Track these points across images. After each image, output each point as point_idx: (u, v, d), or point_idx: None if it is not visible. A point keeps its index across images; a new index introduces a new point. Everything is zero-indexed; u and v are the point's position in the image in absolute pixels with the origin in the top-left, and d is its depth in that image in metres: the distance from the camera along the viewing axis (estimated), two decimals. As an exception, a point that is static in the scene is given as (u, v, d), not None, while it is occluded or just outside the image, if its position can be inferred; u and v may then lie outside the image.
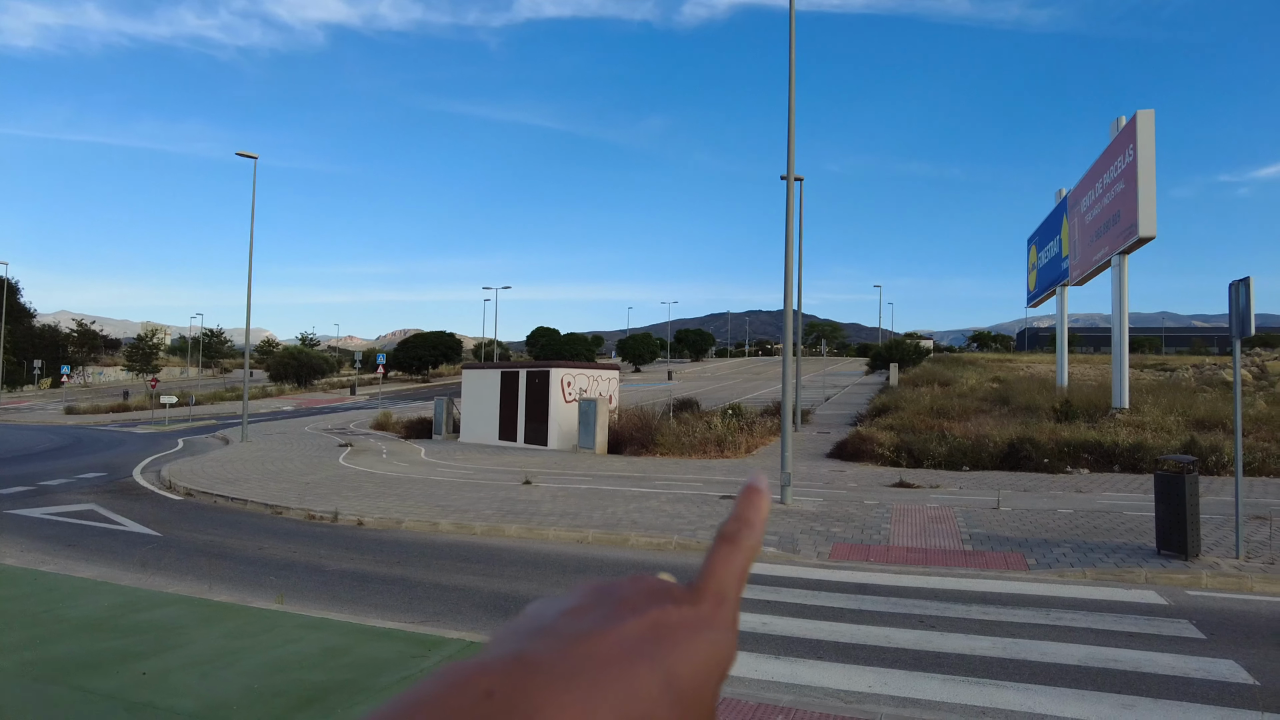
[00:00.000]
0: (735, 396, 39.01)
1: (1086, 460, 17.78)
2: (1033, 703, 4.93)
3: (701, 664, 0.34)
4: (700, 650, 0.34)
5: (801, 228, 13.01)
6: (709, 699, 0.34)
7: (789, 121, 12.85)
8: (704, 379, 58.95)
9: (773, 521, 11.19)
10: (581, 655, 0.31)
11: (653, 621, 0.34)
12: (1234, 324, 8.97)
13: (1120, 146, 22.18)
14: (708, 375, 64.57)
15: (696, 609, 0.36)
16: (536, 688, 0.29)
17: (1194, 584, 8.14)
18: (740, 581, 0.39)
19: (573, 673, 0.30)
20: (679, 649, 0.34)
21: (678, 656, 0.33)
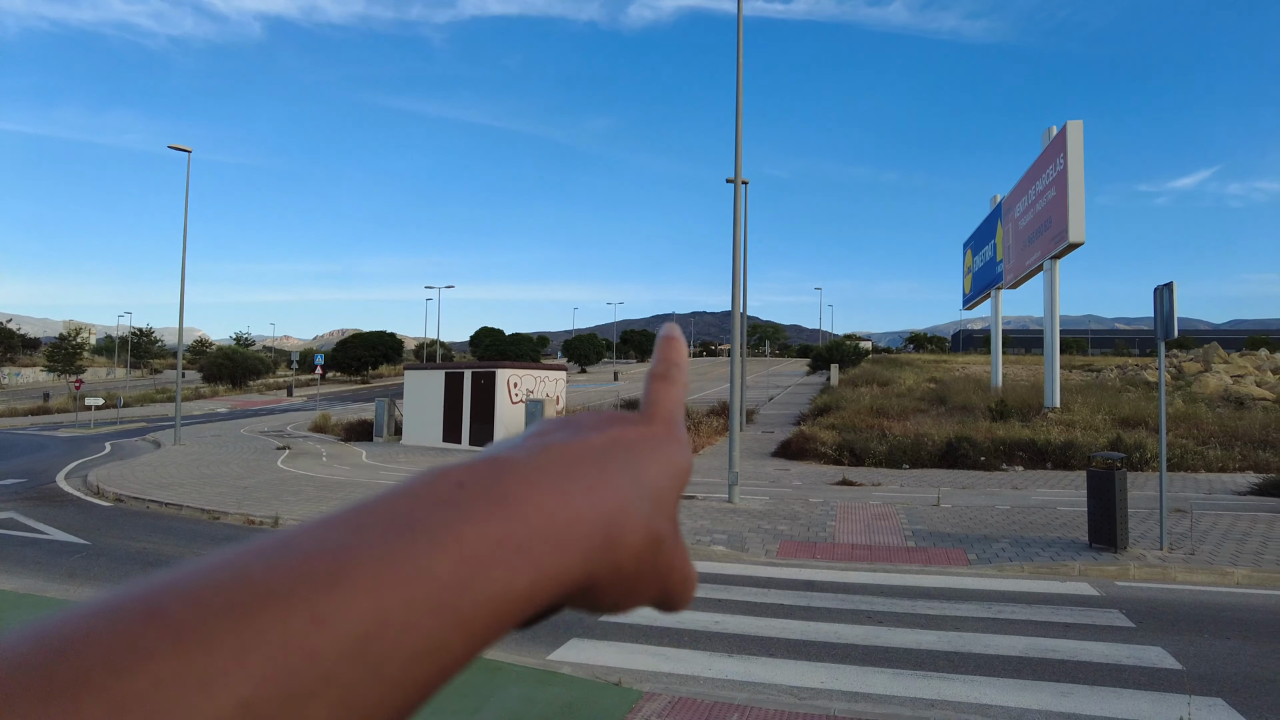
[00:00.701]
0: (681, 397, 39.25)
1: (1021, 458, 18.42)
2: (978, 694, 5.09)
3: (663, 470, 0.36)
4: (660, 458, 0.36)
5: (746, 231, 13.18)
6: (672, 504, 0.36)
7: (736, 125, 12.98)
8: (650, 379, 59.07)
9: (721, 520, 11.30)
10: (554, 455, 0.32)
11: (615, 436, 0.35)
12: (1158, 327, 9.39)
13: (1052, 155, 23.03)
14: (653, 376, 64.72)
15: (652, 428, 0.38)
16: (508, 478, 0.30)
17: (1123, 575, 8.50)
18: (681, 409, 0.40)
19: (544, 467, 0.31)
20: (642, 457, 0.35)
21: (642, 463, 0.35)
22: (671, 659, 5.78)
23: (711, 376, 59.25)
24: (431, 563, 0.25)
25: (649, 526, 0.33)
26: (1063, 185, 21.74)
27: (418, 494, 0.28)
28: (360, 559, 0.24)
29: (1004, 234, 30.16)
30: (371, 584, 0.23)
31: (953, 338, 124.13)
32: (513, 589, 0.26)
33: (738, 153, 12.99)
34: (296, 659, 0.21)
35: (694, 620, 6.75)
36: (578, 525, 0.30)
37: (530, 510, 0.29)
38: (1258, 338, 73.78)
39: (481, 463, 0.31)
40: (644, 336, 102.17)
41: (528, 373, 24.28)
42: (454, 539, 0.26)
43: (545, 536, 0.28)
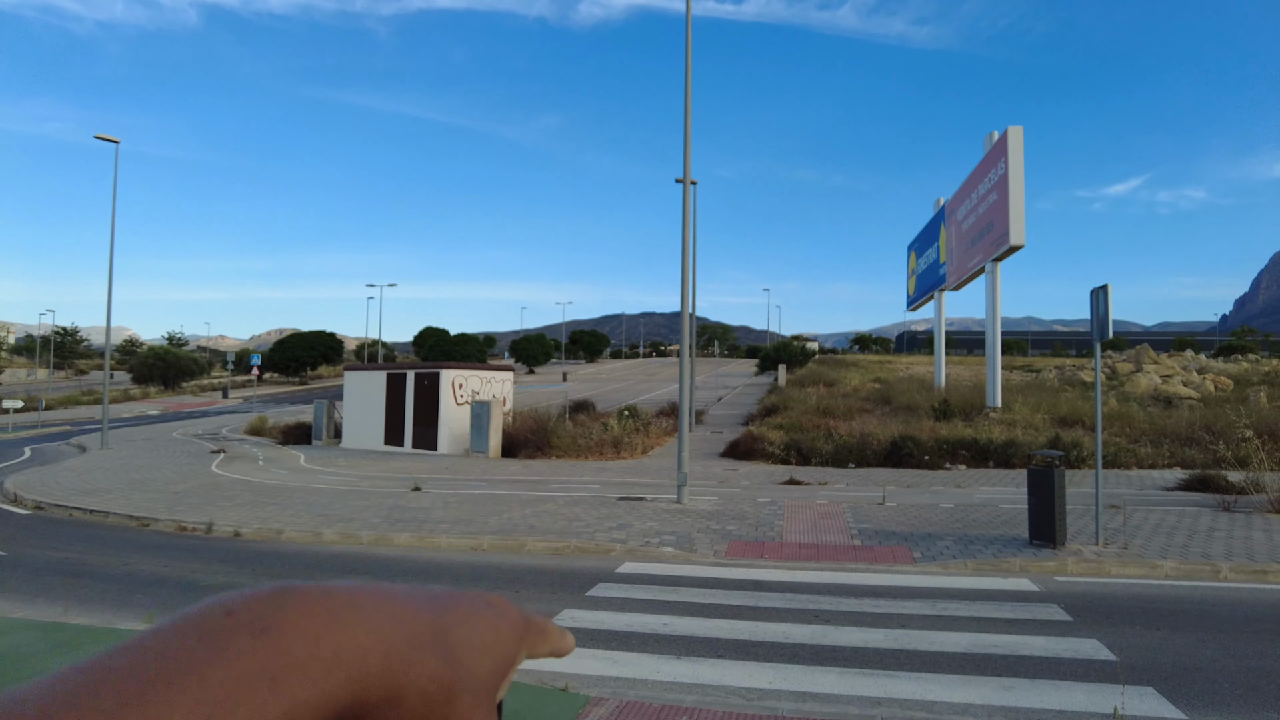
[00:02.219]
0: (631, 398, 39.18)
1: (964, 457, 18.80)
2: (924, 690, 5.12)
3: (479, 636, 0.37)
4: (482, 625, 0.37)
5: (695, 232, 13.19)
6: (482, 674, 0.36)
7: (685, 125, 12.96)
8: (599, 380, 58.97)
9: (670, 521, 11.25)
10: (354, 586, 0.34)
11: (448, 592, 0.38)
12: (1095, 328, 9.66)
13: (993, 159, 23.61)
14: (603, 376, 64.65)
15: (493, 601, 0.40)
16: (285, 607, 0.30)
17: (1061, 570, 8.71)
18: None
19: (331, 594, 0.32)
20: (460, 616, 0.37)
21: (457, 619, 0.36)
22: (619, 662, 5.69)
23: (661, 377, 59.35)
24: (167, 711, 0.25)
25: (441, 673, 0.32)
26: (1004, 189, 22.30)
27: (182, 628, 0.28)
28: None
29: (947, 237, 30.84)
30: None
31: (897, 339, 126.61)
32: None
33: (686, 152, 12.98)
34: None
35: (642, 623, 6.68)
36: (350, 651, 0.30)
37: (293, 639, 0.29)
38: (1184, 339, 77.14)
39: (264, 591, 0.31)
40: (593, 337, 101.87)
41: (474, 373, 23.92)
42: (196, 680, 0.26)
43: (305, 665, 0.28)
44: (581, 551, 9.76)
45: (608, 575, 8.53)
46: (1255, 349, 67.65)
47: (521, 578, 8.44)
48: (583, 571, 8.72)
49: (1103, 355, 50.05)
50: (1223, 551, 9.11)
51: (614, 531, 10.54)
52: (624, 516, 11.62)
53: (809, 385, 36.85)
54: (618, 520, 11.33)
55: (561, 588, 7.98)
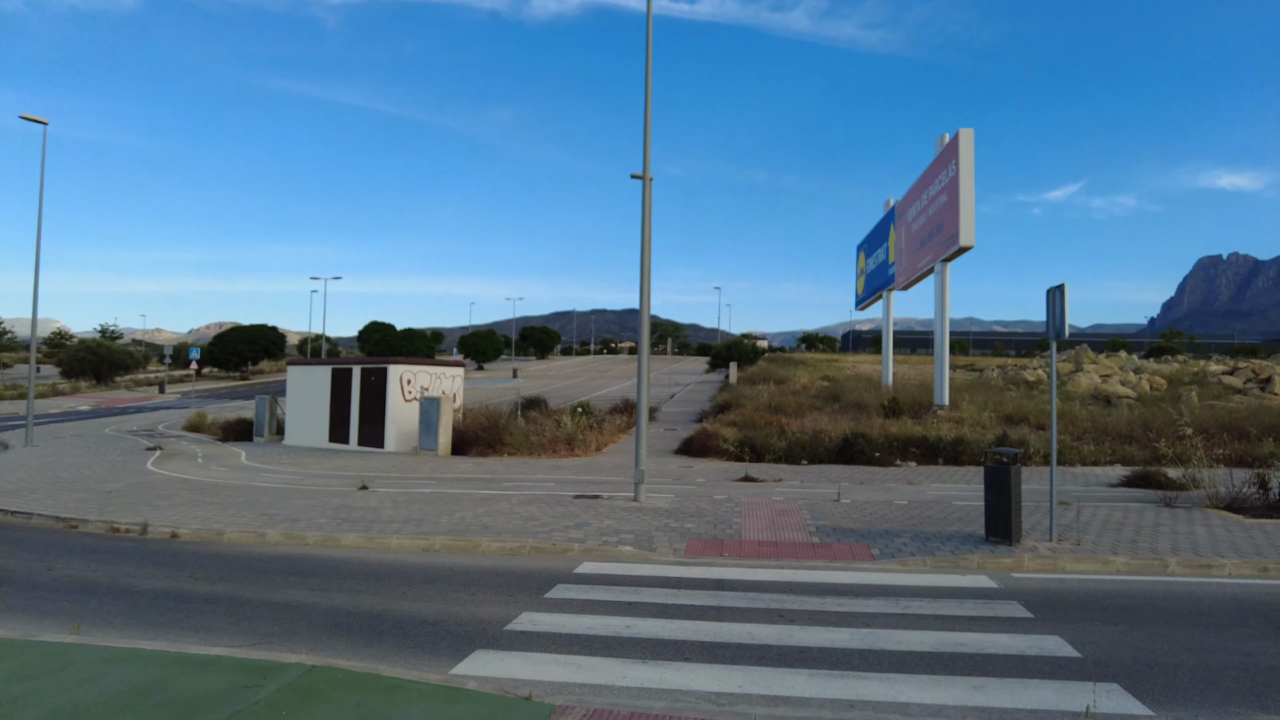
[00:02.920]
0: (583, 394, 38.90)
1: (914, 454, 19.03)
2: (894, 692, 5.03)
3: None
4: None
5: (650, 229, 13.01)
6: None
7: (645, 121, 12.79)
8: (550, 377, 58.50)
9: (628, 519, 11.07)
10: None
11: None
12: (1050, 327, 9.77)
13: (944, 162, 23.97)
14: (554, 373, 64.17)
15: None
16: None
17: (1018, 567, 8.78)
18: None
19: None
20: None
21: None
22: (584, 668, 5.49)
23: (612, 374, 59.18)
24: None
25: None
26: (954, 191, 22.64)
27: None
28: None
29: (896, 237, 31.27)
30: None
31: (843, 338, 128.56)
32: None
33: (646, 148, 12.80)
34: None
35: (605, 626, 6.48)
36: None
37: None
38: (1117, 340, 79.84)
39: None
40: (544, 333, 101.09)
41: (423, 369, 23.37)
42: None
43: None
44: (538, 551, 9.51)
45: (566, 576, 8.32)
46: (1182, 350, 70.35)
47: (476, 579, 8.17)
48: (540, 572, 8.48)
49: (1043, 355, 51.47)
50: (1169, 546, 9.31)
51: (571, 531, 10.31)
52: (581, 515, 11.41)
53: (760, 383, 37.04)
54: (574, 519, 11.11)
55: (519, 589, 7.74)
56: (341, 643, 6.06)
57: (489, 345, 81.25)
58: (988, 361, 57.28)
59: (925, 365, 51.26)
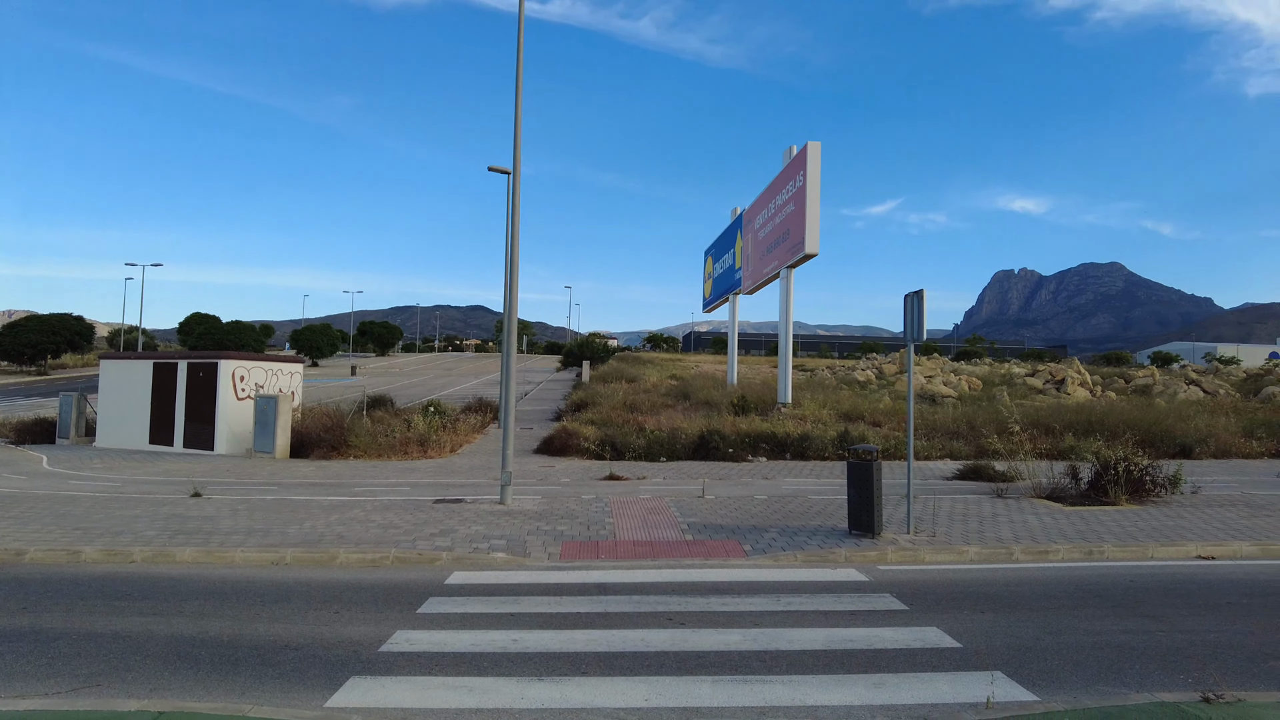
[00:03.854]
0: (430, 393, 37.45)
1: (764, 449, 19.66)
2: (801, 695, 4.98)
3: None
4: None
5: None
6: None
7: (516, 112, 12.30)
8: (394, 375, 55.95)
9: (496, 524, 10.59)
10: None
11: None
12: (909, 329, 10.26)
13: (792, 172, 24.97)
14: (397, 370, 61.46)
15: None
16: None
17: (882, 559, 9.14)
18: None
19: None
20: None
21: None
22: (476, 691, 5.06)
23: (460, 372, 57.52)
24: None
25: None
26: (801, 200, 23.63)
27: None
28: None
29: (744, 244, 32.32)
30: None
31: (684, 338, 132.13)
32: None
33: (516, 141, 12.31)
34: None
35: (490, 641, 6.05)
36: None
37: None
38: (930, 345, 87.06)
39: None
40: (385, 329, 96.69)
41: (258, 365, 21.49)
42: None
43: None
44: (402, 562, 8.86)
45: (437, 588, 7.76)
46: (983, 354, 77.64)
47: (338, 595, 7.45)
48: (408, 585, 7.88)
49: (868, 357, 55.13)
50: (1011, 535, 10.04)
51: (437, 538, 9.70)
52: (445, 521, 10.78)
53: (612, 381, 37.17)
54: (439, 525, 10.48)
55: (387, 605, 7.12)
56: (190, 678, 5.25)
57: (324, 340, 76.63)
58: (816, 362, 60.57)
59: (761, 364, 53.51)
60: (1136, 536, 9.91)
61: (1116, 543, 9.56)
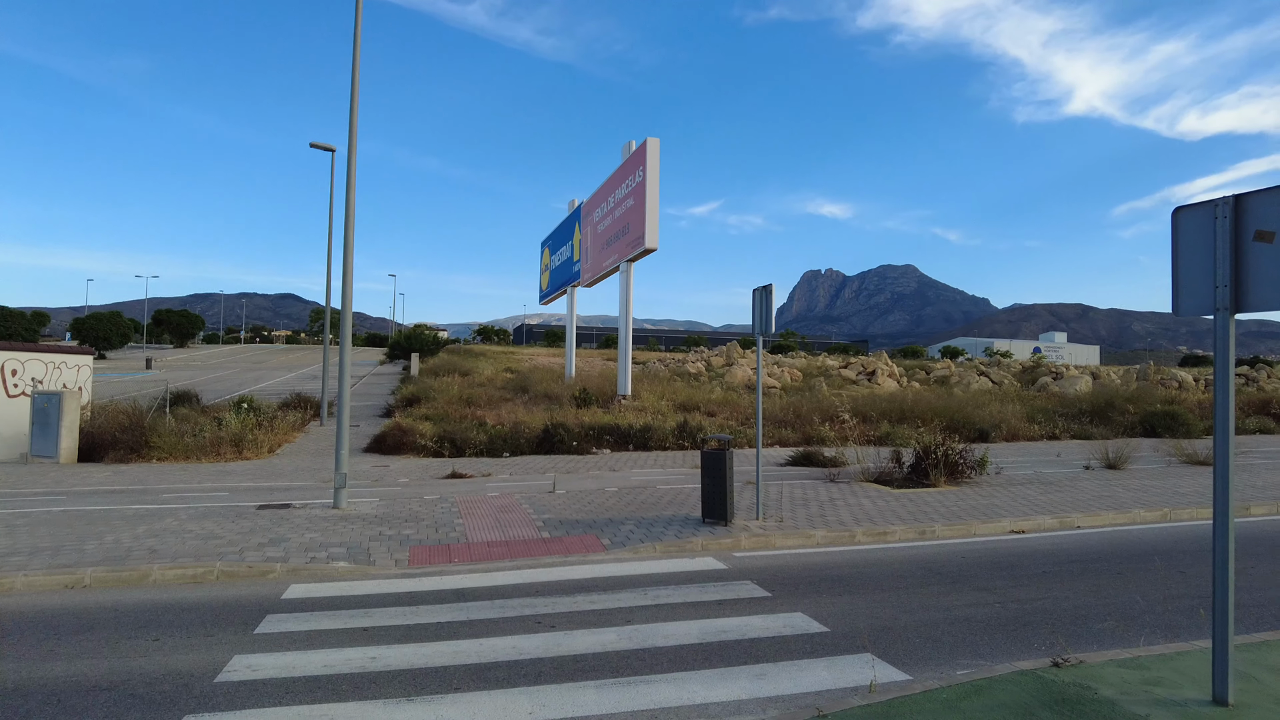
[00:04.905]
0: (240, 388, 34.43)
1: (608, 441, 19.68)
2: (688, 694, 4.88)
3: None
4: None
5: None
6: None
7: (352, 81, 11.37)
8: (196, 368, 50.97)
9: (334, 530, 9.78)
10: None
11: None
12: (757, 323, 10.53)
13: (631, 167, 25.11)
14: (199, 364, 56.08)
15: None
16: None
17: (737, 546, 9.31)
18: None
19: None
20: None
21: None
22: (340, 719, 4.55)
23: (271, 365, 53.38)
24: None
25: None
26: (641, 195, 23.83)
27: None
28: None
29: (582, 236, 32.21)
30: None
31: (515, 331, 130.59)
32: None
33: (353, 116, 11.38)
34: None
35: (346, 660, 5.50)
36: None
37: None
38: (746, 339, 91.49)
39: None
40: (183, 318, 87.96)
41: (35, 357, 18.69)
42: None
43: None
44: (230, 577, 7.94)
45: (274, 604, 7.00)
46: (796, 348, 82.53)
47: (156, 619, 6.52)
48: (240, 603, 7.05)
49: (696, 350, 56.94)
50: (851, 518, 10.58)
51: (268, 549, 8.79)
52: (274, 529, 9.81)
53: (444, 375, 35.90)
54: (268, 534, 9.52)
55: (218, 627, 6.31)
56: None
57: (113, 330, 68.56)
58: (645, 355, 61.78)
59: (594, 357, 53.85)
60: (960, 515, 10.76)
61: (944, 522, 10.33)
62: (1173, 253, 4.32)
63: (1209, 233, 4.13)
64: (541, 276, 41.60)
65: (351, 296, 11.42)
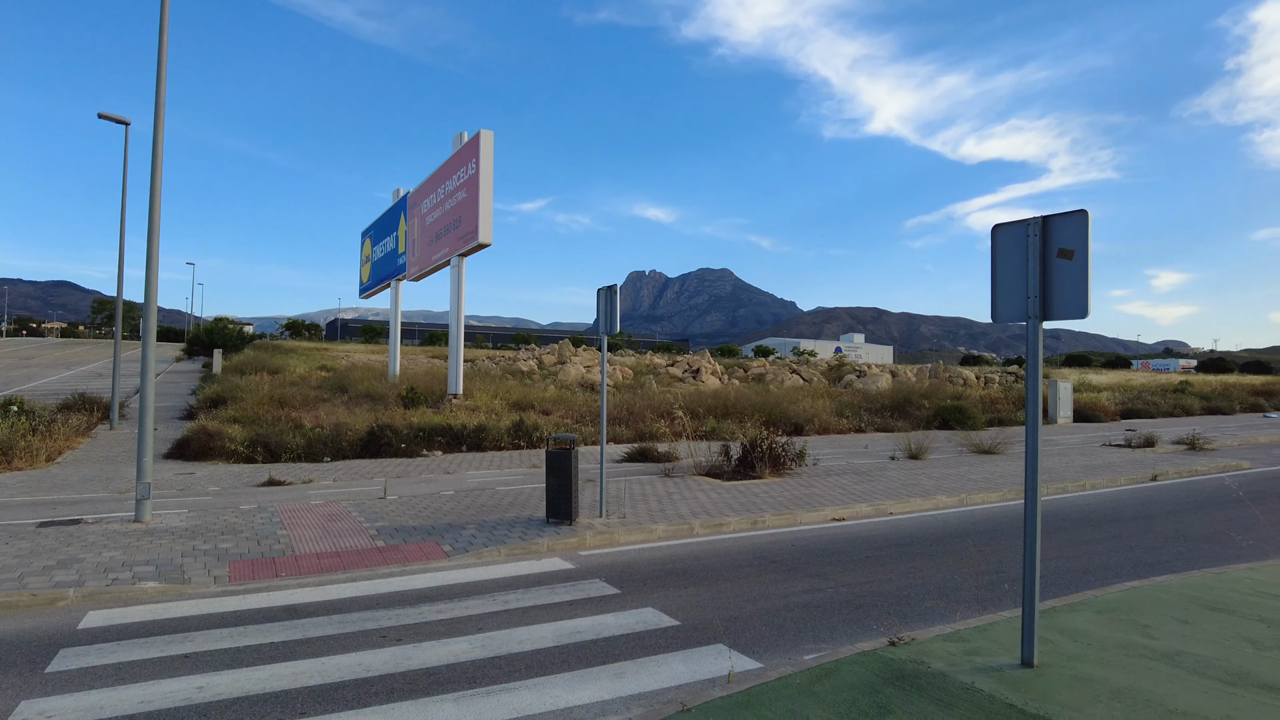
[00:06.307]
0: (6, 387, 30.06)
1: (440, 442, 19.07)
2: (552, 699, 4.83)
3: None
4: None
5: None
6: None
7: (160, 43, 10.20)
8: (-62, 365, 43.80)
9: (138, 546, 8.77)
10: None
11: None
12: (601, 322, 10.62)
13: (463, 159, 24.45)
14: (-57, 360, 48.25)
15: None
16: None
17: (583, 545, 9.34)
18: None
19: None
20: None
21: None
22: (165, 760, 4.08)
23: (44, 362, 46.97)
24: None
25: None
26: (474, 188, 23.26)
27: None
28: None
29: (408, 228, 30.96)
30: None
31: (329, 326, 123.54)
32: None
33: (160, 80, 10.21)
34: None
35: (167, 694, 4.94)
36: None
37: None
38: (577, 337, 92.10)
39: None
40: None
41: None
42: None
43: None
44: (10, 608, 6.90)
45: (69, 636, 6.17)
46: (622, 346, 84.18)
47: (-87, 665, 5.54)
48: (24, 638, 6.14)
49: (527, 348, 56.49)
50: (689, 511, 10.92)
51: (56, 572, 7.73)
52: (63, 549, 8.65)
53: (252, 373, 33.18)
54: (55, 555, 8.37)
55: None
56: None
57: None
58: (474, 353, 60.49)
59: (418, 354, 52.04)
60: (787, 505, 11.41)
61: (773, 512, 10.91)
62: (992, 266, 4.82)
63: (1022, 249, 4.65)
64: (362, 269, 39.57)
65: (156, 286, 10.29)
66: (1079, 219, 4.37)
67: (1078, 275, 4.37)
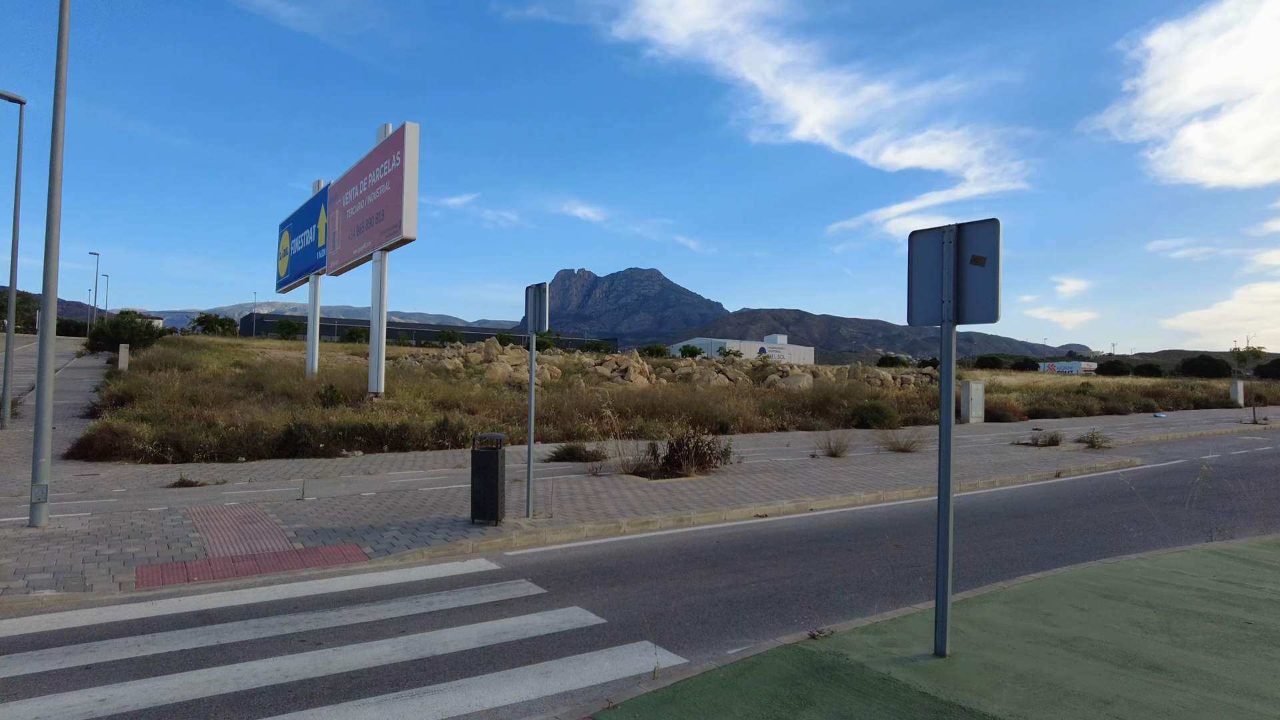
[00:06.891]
0: (-124, 384, 27.84)
1: (360, 442, 18.61)
2: (477, 700, 4.80)
3: None
4: None
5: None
6: None
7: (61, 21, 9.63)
8: None
9: (33, 554, 8.29)
10: None
11: None
12: (530, 320, 10.55)
13: (387, 151, 23.89)
14: None
15: None
16: None
17: (509, 545, 9.28)
18: None
19: None
20: None
21: None
22: (66, 775, 3.89)
23: (-78, 356, 43.69)
24: None
25: None
26: (398, 181, 22.76)
27: None
28: None
29: (329, 221, 30.07)
30: None
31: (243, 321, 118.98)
32: None
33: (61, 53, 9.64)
34: None
35: (65, 709, 4.70)
36: None
37: None
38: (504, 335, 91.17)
39: None
40: None
41: None
42: None
43: None
44: (-113, 620, 6.43)
45: (-44, 648, 5.81)
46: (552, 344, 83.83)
47: None
48: (-96, 650, 5.74)
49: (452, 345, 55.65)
50: (616, 509, 10.97)
51: (-60, 582, 7.24)
52: (-53, 556, 8.10)
53: (161, 369, 31.70)
54: (-62, 563, 7.83)
55: (-124, 684, 5.10)
56: None
57: None
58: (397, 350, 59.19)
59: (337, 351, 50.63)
60: (712, 503, 11.58)
61: (699, 509, 11.07)
62: (909, 271, 5.02)
63: (937, 255, 4.85)
64: (280, 262, 38.22)
65: (56, 276, 9.73)
66: (991, 227, 4.60)
67: (989, 281, 4.59)
